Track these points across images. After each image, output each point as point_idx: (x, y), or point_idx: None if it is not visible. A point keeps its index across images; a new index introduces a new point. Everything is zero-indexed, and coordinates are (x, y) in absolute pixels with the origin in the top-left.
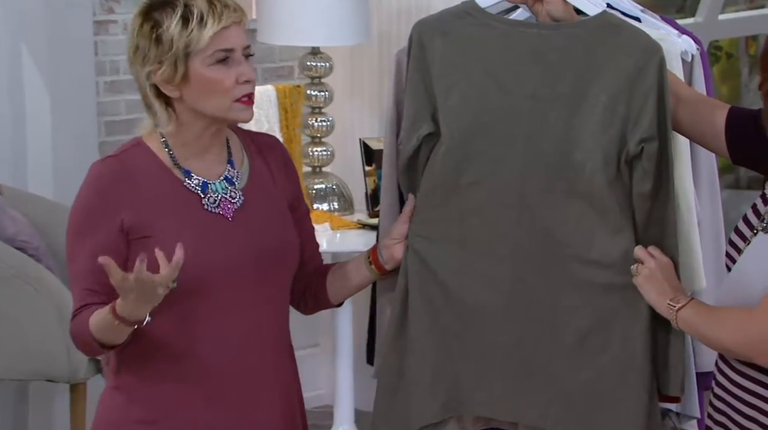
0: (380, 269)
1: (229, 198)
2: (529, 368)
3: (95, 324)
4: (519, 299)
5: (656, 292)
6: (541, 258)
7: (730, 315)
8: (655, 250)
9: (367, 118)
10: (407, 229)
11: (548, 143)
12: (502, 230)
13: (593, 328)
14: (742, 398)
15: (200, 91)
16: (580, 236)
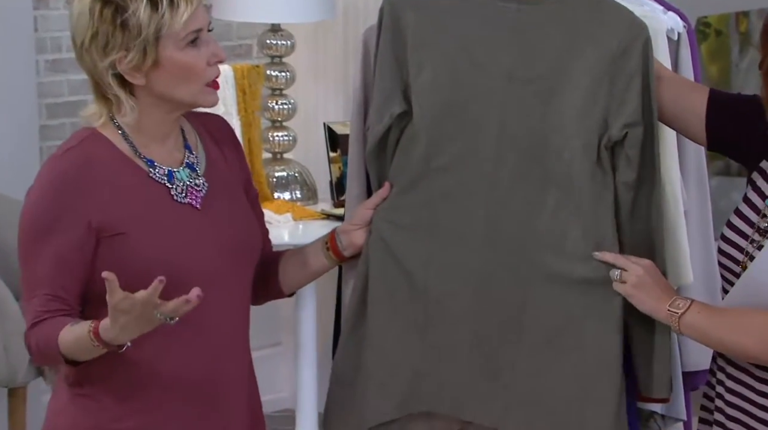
0: (339, 255)
1: (194, 186)
2: (493, 367)
3: (67, 342)
4: (487, 293)
5: (651, 299)
6: (513, 250)
7: (751, 320)
8: (631, 257)
9: (332, 100)
10: (371, 215)
11: (524, 127)
12: (473, 218)
13: (563, 326)
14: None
15: (172, 76)
16: (555, 228)
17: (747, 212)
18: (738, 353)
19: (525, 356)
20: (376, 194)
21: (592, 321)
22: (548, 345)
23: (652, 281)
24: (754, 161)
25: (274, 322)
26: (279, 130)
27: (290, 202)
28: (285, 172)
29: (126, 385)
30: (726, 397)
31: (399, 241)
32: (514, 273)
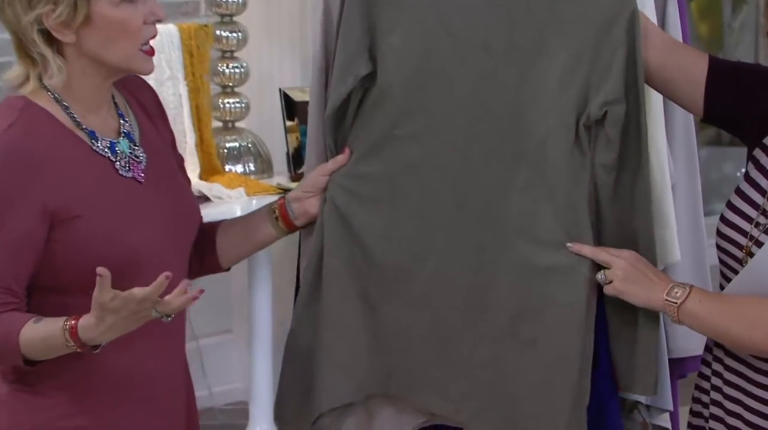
0: (289, 225)
1: (135, 158)
2: (450, 353)
3: (30, 340)
4: (448, 274)
5: (644, 291)
6: (478, 230)
7: (761, 311)
8: (610, 250)
9: (288, 64)
10: (326, 182)
11: (498, 101)
12: (437, 192)
13: (524, 315)
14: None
15: (104, 34)
16: (525, 210)
17: (750, 193)
18: (744, 345)
19: (485, 342)
20: (334, 160)
21: (552, 312)
22: (509, 334)
23: (639, 272)
24: (756, 137)
25: (224, 306)
26: (230, 96)
27: (243, 176)
28: (237, 143)
29: (79, 381)
30: (725, 390)
31: (357, 212)
32: (479, 255)
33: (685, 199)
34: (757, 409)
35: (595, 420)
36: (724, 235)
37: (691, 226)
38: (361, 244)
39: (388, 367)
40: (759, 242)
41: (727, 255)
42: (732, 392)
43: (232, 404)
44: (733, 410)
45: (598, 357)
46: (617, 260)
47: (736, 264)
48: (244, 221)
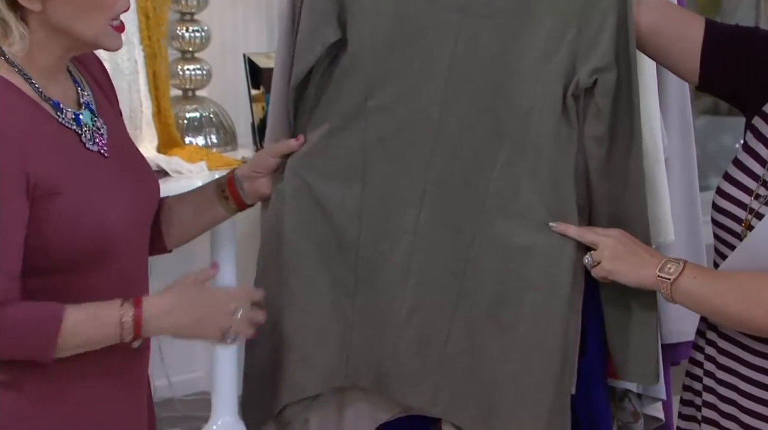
0: (240, 204)
1: (97, 130)
2: (425, 340)
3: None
4: (422, 257)
5: (634, 269)
6: (455, 209)
7: (759, 287)
8: (596, 229)
9: (254, 27)
10: (276, 164)
11: (478, 69)
12: (412, 168)
13: (502, 299)
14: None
15: (75, 5)
16: (505, 186)
17: (749, 163)
18: (743, 324)
19: (461, 330)
20: (285, 144)
21: (534, 296)
22: (486, 319)
23: (628, 250)
24: (756, 104)
25: None
26: (190, 62)
27: (204, 149)
28: (198, 113)
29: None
30: (718, 375)
31: (327, 190)
32: (456, 235)
33: (680, 174)
34: (753, 394)
35: (584, 409)
36: (722, 209)
37: (686, 202)
38: (332, 225)
39: (358, 358)
40: (759, 214)
41: (724, 230)
42: (726, 377)
43: (193, 395)
44: (727, 396)
45: (585, 343)
46: (604, 239)
47: (734, 239)
48: (190, 199)
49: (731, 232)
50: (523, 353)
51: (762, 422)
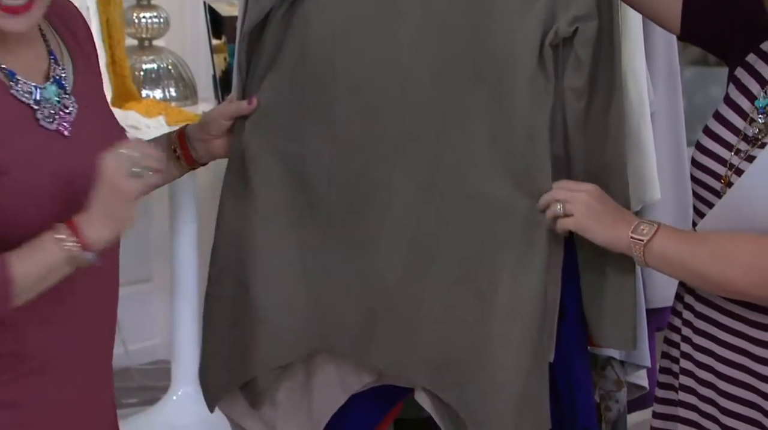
0: (193, 164)
1: (62, 108)
2: (397, 303)
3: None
4: (394, 215)
5: (606, 228)
6: (428, 162)
7: (737, 249)
8: (569, 183)
9: None
10: (229, 126)
11: (453, 16)
12: (382, 119)
13: (479, 261)
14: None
15: None
16: (480, 139)
17: (730, 117)
18: (720, 286)
19: (434, 292)
20: (236, 106)
21: (510, 257)
22: (460, 282)
23: (601, 207)
24: (738, 54)
25: (142, 251)
26: (146, 9)
27: (163, 103)
28: (155, 64)
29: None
30: (694, 340)
31: (293, 148)
32: (430, 191)
33: (667, 128)
34: (730, 358)
35: (563, 377)
36: (701, 164)
37: (673, 159)
38: (300, 185)
39: (329, 322)
40: (739, 170)
41: (703, 187)
42: (702, 342)
43: (152, 364)
44: (704, 361)
45: (564, 309)
46: (578, 194)
47: (713, 197)
48: None
49: (710, 189)
50: (499, 318)
51: (738, 388)
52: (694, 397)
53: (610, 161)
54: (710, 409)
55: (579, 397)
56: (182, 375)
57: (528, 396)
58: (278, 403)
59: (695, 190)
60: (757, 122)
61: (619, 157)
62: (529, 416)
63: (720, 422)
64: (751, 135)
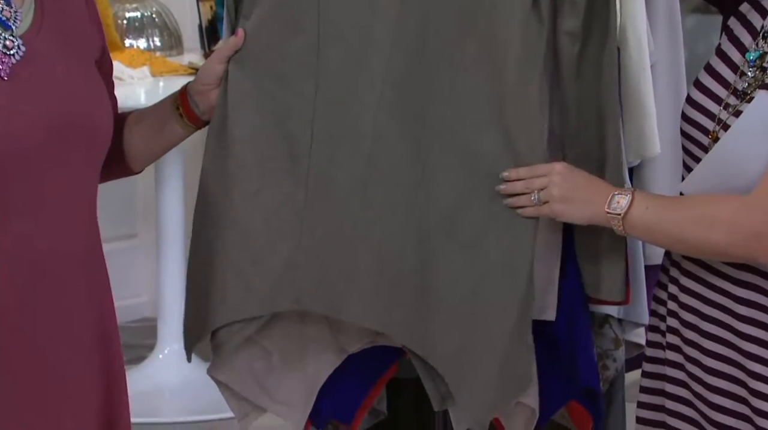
0: (196, 121)
1: (3, 49)
2: (381, 259)
3: None
4: (380, 166)
5: (581, 207)
6: (414, 112)
7: (717, 209)
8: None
9: None
10: (223, 69)
11: None
12: (370, 68)
13: (464, 213)
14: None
15: None
16: (469, 87)
17: (720, 69)
18: (703, 250)
19: (418, 245)
20: (228, 45)
21: (497, 209)
22: (444, 236)
23: (572, 186)
24: (732, 3)
25: (128, 207)
26: None
27: (147, 52)
28: (139, 13)
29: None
30: (681, 298)
31: (277, 93)
32: (415, 141)
33: (667, 80)
34: (715, 317)
35: (564, 336)
36: (690, 118)
37: (674, 112)
38: (283, 132)
39: (307, 280)
40: (726, 125)
41: (691, 142)
42: (688, 300)
43: (137, 321)
44: (689, 320)
45: (565, 267)
46: (547, 179)
47: (701, 152)
48: (148, 116)
49: (699, 144)
50: (485, 272)
51: (723, 346)
52: (680, 356)
53: (602, 108)
54: (695, 369)
55: (580, 356)
56: (168, 333)
57: (512, 354)
58: (272, 364)
59: (684, 145)
60: (746, 76)
61: (612, 104)
62: (513, 373)
63: (704, 381)
64: (740, 89)
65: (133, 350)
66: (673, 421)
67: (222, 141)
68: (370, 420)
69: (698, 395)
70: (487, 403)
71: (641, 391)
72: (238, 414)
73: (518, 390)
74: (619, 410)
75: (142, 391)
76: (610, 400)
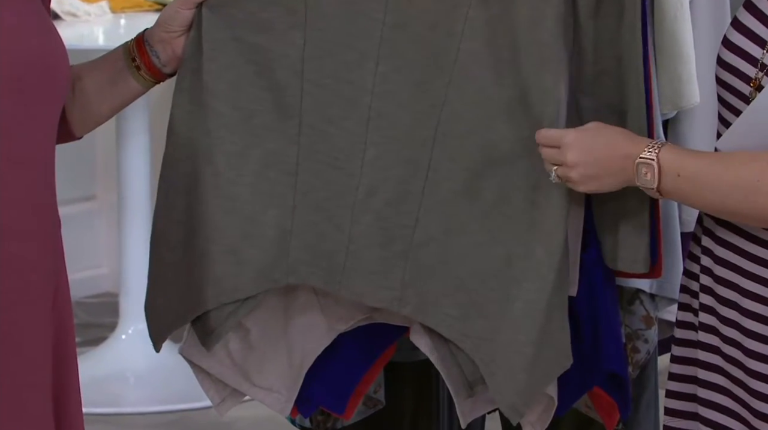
0: (156, 74)
1: None
2: (388, 226)
3: None
4: (383, 122)
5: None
6: (421, 55)
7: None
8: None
9: None
10: (192, 16)
11: None
12: (368, 11)
13: (486, 168)
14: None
15: None
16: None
17: (763, 6)
18: (745, 216)
19: (432, 211)
20: None
21: (524, 162)
22: (464, 195)
23: (591, 161)
24: None
25: (84, 165)
26: None
27: None
28: None
29: None
30: (716, 271)
31: (260, 41)
32: (424, 91)
33: (709, 17)
34: (757, 293)
35: (586, 313)
36: (727, 63)
37: (715, 55)
38: (268, 86)
39: (302, 250)
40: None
41: (729, 91)
42: (725, 274)
43: (96, 296)
44: (727, 296)
45: (587, 236)
46: (562, 154)
47: (741, 103)
48: (97, 70)
49: (738, 93)
50: (515, 234)
51: (767, 326)
52: (716, 338)
53: (624, 51)
54: (734, 352)
55: (605, 336)
56: (132, 310)
57: (550, 329)
58: (252, 343)
59: (720, 94)
60: None
61: (635, 47)
62: (550, 351)
63: (745, 366)
64: None
65: (91, 330)
66: (707, 412)
67: (196, 97)
68: (366, 410)
69: (738, 381)
70: (523, 385)
71: (670, 378)
72: (213, 400)
73: (557, 370)
74: (651, 399)
75: (102, 376)
76: (642, 387)
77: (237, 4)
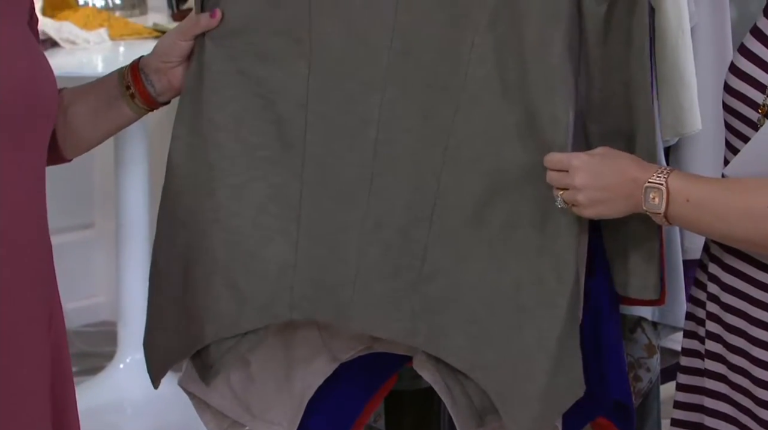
0: (150, 103)
1: None
2: (396, 256)
3: None
4: (389, 152)
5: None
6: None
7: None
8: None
9: None
10: (190, 48)
11: None
12: (371, 35)
13: (496, 195)
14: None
15: None
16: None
17: (754, 43)
18: (754, 244)
19: (441, 236)
20: (195, 22)
21: (533, 188)
22: (473, 224)
23: (599, 185)
24: None
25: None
26: None
27: (105, 12)
28: None
29: None
30: (722, 298)
31: (263, 73)
32: (431, 119)
33: (710, 45)
34: (764, 320)
35: (591, 341)
36: (734, 90)
37: (717, 82)
38: (271, 119)
39: (307, 285)
40: None
41: (736, 117)
42: (732, 301)
43: (94, 325)
44: (734, 324)
45: (593, 262)
46: (569, 178)
47: (749, 129)
48: (90, 95)
49: (746, 120)
50: (525, 261)
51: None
52: (722, 366)
53: (632, 76)
54: (741, 380)
55: (609, 365)
56: (130, 340)
57: (563, 357)
58: (252, 375)
59: (728, 120)
60: None
61: (643, 72)
62: (564, 380)
63: (753, 394)
64: None
65: (89, 359)
66: None
67: (198, 129)
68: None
69: (745, 409)
70: (537, 414)
71: (675, 406)
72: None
73: (571, 398)
74: (654, 428)
75: (99, 406)
76: (644, 416)
77: (240, 35)
